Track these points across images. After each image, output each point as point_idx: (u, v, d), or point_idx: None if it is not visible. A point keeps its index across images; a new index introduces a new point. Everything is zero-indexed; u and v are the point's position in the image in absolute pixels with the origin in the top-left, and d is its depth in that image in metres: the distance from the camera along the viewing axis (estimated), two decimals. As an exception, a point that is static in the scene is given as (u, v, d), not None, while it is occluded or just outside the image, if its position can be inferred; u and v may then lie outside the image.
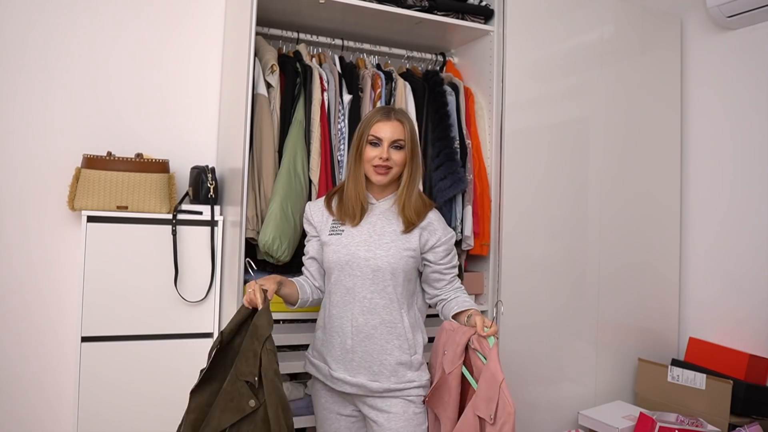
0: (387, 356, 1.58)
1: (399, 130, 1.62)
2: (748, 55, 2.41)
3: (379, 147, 1.60)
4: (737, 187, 2.44)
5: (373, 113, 1.66)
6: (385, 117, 1.62)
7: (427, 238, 1.63)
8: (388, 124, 1.61)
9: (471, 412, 1.49)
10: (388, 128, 1.61)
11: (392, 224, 1.63)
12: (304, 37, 2.21)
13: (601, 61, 2.42)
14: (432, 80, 2.27)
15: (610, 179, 2.44)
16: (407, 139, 1.62)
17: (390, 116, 1.63)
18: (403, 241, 1.61)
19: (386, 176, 1.62)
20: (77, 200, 1.92)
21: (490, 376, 1.46)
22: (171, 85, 2.27)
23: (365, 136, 1.62)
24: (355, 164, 1.64)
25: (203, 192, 2.03)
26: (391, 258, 1.58)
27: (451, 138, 2.18)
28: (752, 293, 2.35)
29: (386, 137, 1.60)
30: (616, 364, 2.45)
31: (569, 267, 2.35)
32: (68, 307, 2.08)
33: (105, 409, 1.87)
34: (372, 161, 1.61)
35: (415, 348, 1.62)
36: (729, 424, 2.09)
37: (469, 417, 1.49)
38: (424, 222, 1.64)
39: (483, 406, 1.46)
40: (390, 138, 1.60)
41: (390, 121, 1.62)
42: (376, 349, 1.58)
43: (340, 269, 1.62)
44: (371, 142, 1.61)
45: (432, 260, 1.64)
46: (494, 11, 2.25)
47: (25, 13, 2.08)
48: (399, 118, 1.64)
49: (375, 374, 1.58)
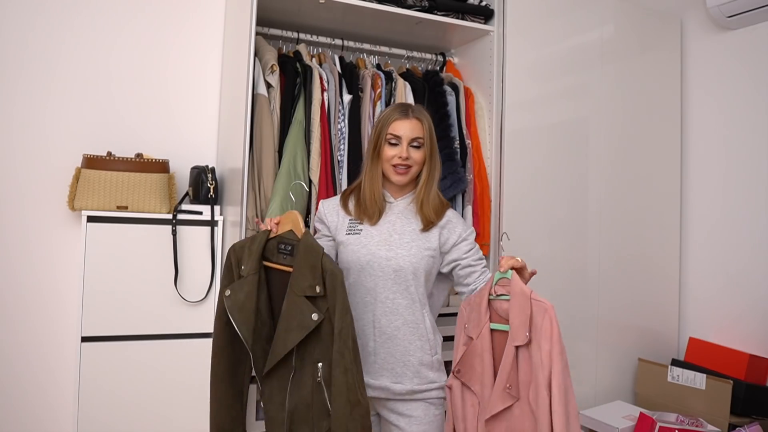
0: (410, 357, 1.57)
1: (418, 128, 1.60)
2: (748, 55, 2.41)
3: (399, 146, 1.58)
4: (737, 187, 2.44)
5: (390, 111, 1.63)
6: (404, 115, 1.60)
7: (447, 236, 1.62)
8: (407, 122, 1.59)
9: (511, 349, 1.41)
10: (407, 126, 1.59)
11: (411, 223, 1.62)
12: (304, 37, 2.21)
13: (600, 61, 2.42)
14: (432, 80, 2.27)
15: (610, 179, 2.44)
16: (426, 137, 1.60)
17: (408, 114, 1.60)
18: (423, 240, 1.59)
19: (406, 176, 1.60)
20: (77, 200, 1.92)
21: (519, 295, 1.40)
22: (171, 85, 2.27)
23: (383, 134, 1.59)
24: (372, 163, 1.62)
25: (203, 192, 2.03)
26: (412, 258, 1.57)
27: (451, 138, 2.19)
28: (752, 293, 2.35)
29: (405, 136, 1.58)
30: (616, 364, 2.45)
31: (569, 267, 2.35)
32: (68, 307, 2.08)
33: (105, 409, 1.87)
34: (391, 160, 1.59)
35: (436, 348, 1.61)
36: (729, 424, 2.09)
37: (510, 355, 1.41)
38: (443, 221, 1.62)
39: (520, 331, 1.39)
40: (409, 136, 1.58)
41: (408, 119, 1.59)
42: (399, 350, 1.57)
43: (359, 270, 1.59)
44: (390, 141, 1.59)
45: (457, 257, 1.61)
46: (494, 11, 2.25)
47: (25, 13, 2.08)
48: (417, 116, 1.61)
49: (398, 376, 1.57)
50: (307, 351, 1.42)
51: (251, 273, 1.48)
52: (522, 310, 1.41)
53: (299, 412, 1.41)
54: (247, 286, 1.47)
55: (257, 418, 1.90)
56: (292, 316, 1.41)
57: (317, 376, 1.41)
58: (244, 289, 1.48)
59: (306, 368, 1.43)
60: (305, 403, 1.41)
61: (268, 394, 1.44)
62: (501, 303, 1.47)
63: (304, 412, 1.41)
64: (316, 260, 1.43)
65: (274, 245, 1.52)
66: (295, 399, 1.41)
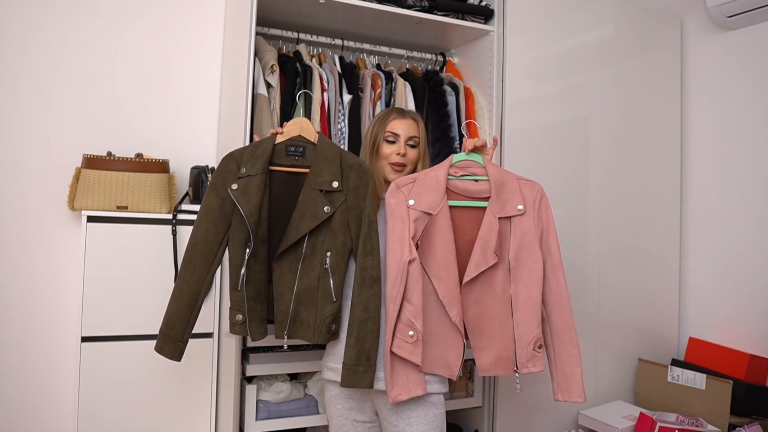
0: None
1: (414, 128, 1.71)
2: (748, 55, 2.41)
3: (396, 144, 1.68)
4: (737, 187, 2.44)
5: (387, 112, 1.73)
6: (401, 115, 1.71)
7: None
8: (404, 122, 1.70)
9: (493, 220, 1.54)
10: (405, 125, 1.70)
11: None
12: (304, 37, 2.21)
13: (600, 61, 2.42)
14: (432, 80, 2.27)
15: (610, 179, 2.44)
16: (421, 137, 1.72)
17: (405, 115, 1.72)
18: None
19: (401, 173, 1.69)
20: (77, 200, 1.92)
21: (501, 173, 1.58)
22: (171, 85, 2.27)
23: (381, 133, 1.68)
24: (370, 161, 1.70)
25: (203, 192, 2.03)
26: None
27: (451, 138, 2.19)
28: (753, 293, 2.35)
29: (403, 134, 1.69)
30: (616, 364, 2.45)
31: (569, 267, 2.32)
32: (68, 307, 2.08)
33: (105, 409, 1.86)
34: (389, 157, 1.68)
35: None
36: (729, 424, 2.09)
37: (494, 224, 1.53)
38: None
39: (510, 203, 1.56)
40: (406, 135, 1.69)
41: (405, 119, 1.71)
42: None
43: None
44: (387, 139, 1.68)
45: None
46: (494, 11, 2.26)
47: (26, 13, 2.08)
48: (413, 117, 1.73)
49: None
50: (318, 239, 1.54)
51: (259, 173, 1.54)
52: (509, 186, 1.56)
53: (306, 293, 1.54)
54: (255, 182, 1.54)
55: (257, 418, 1.90)
56: (307, 207, 1.53)
57: (325, 263, 1.53)
58: (252, 184, 1.53)
59: (316, 255, 1.54)
60: (312, 287, 1.54)
61: (279, 273, 1.55)
62: (464, 183, 1.58)
63: (310, 295, 1.54)
64: (335, 156, 1.57)
65: (282, 149, 1.59)
66: (303, 282, 1.54)
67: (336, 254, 1.54)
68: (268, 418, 1.92)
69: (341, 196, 1.55)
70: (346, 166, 1.57)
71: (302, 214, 1.53)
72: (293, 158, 1.59)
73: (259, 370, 1.92)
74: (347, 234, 1.55)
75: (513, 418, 2.20)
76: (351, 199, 1.55)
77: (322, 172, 1.55)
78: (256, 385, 1.92)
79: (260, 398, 1.93)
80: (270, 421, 1.92)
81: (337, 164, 1.56)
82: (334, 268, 1.54)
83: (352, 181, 1.56)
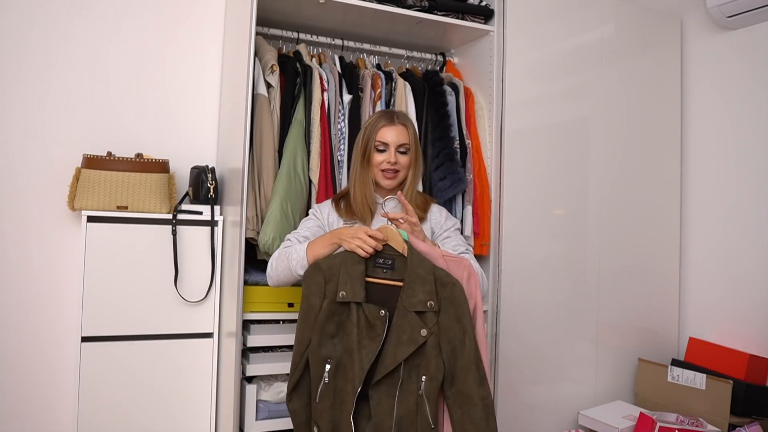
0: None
1: (404, 135, 1.69)
2: (748, 55, 2.41)
3: (386, 152, 1.68)
4: (737, 186, 2.44)
5: (376, 118, 1.71)
6: (389, 122, 1.69)
7: (432, 229, 1.74)
8: (393, 129, 1.68)
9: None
10: (394, 133, 1.68)
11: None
12: (304, 37, 2.21)
13: (601, 61, 2.42)
14: (432, 80, 2.27)
15: (610, 179, 2.44)
16: (411, 143, 1.70)
17: (394, 120, 1.70)
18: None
19: (395, 180, 1.70)
20: (77, 200, 1.92)
21: (428, 254, 1.50)
22: (171, 85, 2.27)
23: (371, 142, 1.68)
24: (362, 168, 1.70)
25: (203, 192, 2.03)
26: None
27: (450, 138, 2.19)
28: (752, 293, 2.35)
29: (392, 142, 1.67)
30: (616, 364, 2.45)
31: (569, 267, 2.35)
32: (68, 307, 2.08)
33: (105, 409, 1.87)
34: (380, 166, 1.68)
35: None
36: (729, 424, 2.09)
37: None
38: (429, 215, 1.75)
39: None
40: (396, 142, 1.68)
41: (394, 125, 1.69)
42: None
43: None
44: (378, 148, 1.68)
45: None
46: (494, 11, 2.25)
47: (25, 13, 2.08)
48: (402, 121, 1.71)
49: None
50: (414, 362, 1.47)
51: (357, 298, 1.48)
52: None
53: (407, 420, 1.46)
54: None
55: (257, 418, 1.90)
56: (403, 331, 1.46)
57: (420, 389, 1.46)
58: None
59: (412, 379, 1.47)
60: (412, 412, 1.46)
61: (377, 399, 1.47)
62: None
63: (410, 420, 1.46)
64: (428, 273, 1.48)
65: (371, 260, 1.53)
66: (403, 407, 1.46)
67: (430, 379, 1.45)
68: (268, 418, 1.92)
69: (434, 317, 1.46)
70: (440, 284, 1.47)
71: (398, 338, 1.45)
72: (382, 270, 1.52)
73: (259, 370, 1.91)
74: (439, 357, 1.46)
75: (513, 418, 2.20)
76: (443, 320, 1.46)
77: (416, 293, 1.46)
78: (256, 385, 1.92)
79: (260, 398, 1.93)
80: (270, 421, 1.92)
81: (431, 282, 1.47)
82: (429, 394, 1.45)
83: (444, 300, 1.47)
